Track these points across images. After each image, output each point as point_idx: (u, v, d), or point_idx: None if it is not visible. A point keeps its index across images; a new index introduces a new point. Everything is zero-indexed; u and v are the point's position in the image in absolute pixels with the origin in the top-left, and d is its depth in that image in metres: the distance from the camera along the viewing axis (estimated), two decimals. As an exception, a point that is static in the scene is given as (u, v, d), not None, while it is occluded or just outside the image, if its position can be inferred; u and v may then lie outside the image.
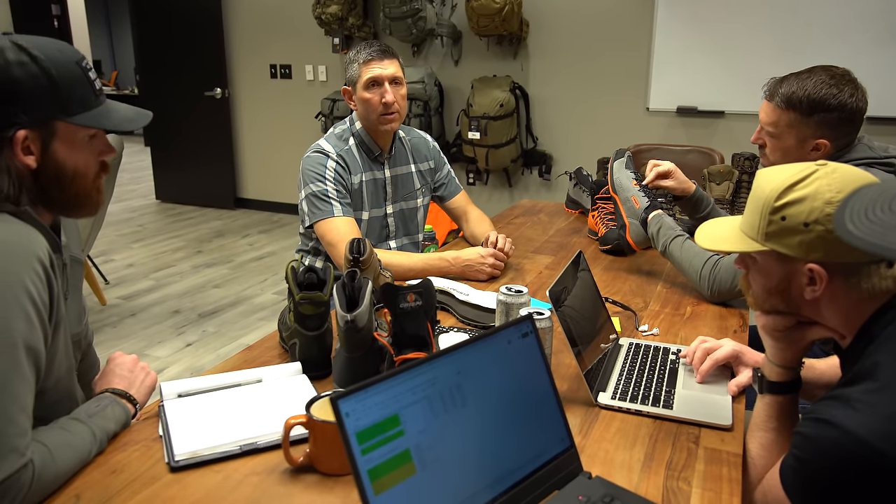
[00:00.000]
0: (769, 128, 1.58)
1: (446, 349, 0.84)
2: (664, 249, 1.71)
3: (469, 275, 1.80)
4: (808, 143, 1.54)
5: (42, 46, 0.98)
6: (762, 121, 1.60)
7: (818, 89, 1.48)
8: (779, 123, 1.56)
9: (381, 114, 1.90)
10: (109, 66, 12.67)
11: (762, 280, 1.00)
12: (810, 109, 1.50)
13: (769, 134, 1.59)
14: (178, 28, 5.66)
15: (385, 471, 0.73)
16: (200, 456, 0.99)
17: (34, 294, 0.93)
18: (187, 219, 5.68)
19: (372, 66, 1.88)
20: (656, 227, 1.73)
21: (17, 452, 0.86)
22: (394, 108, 1.91)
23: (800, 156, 1.55)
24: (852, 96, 1.49)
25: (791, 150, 1.56)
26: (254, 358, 1.35)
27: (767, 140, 1.61)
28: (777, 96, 1.54)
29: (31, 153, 0.99)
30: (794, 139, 1.55)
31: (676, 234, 1.70)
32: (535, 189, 4.84)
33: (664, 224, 1.72)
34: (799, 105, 1.51)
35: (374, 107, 1.89)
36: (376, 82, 1.89)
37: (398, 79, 1.92)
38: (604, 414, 1.15)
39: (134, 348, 3.20)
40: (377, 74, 1.88)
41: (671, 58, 4.22)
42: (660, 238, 1.72)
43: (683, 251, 1.67)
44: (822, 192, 0.89)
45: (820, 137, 1.52)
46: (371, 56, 1.88)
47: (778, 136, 1.57)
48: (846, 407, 0.80)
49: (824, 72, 1.51)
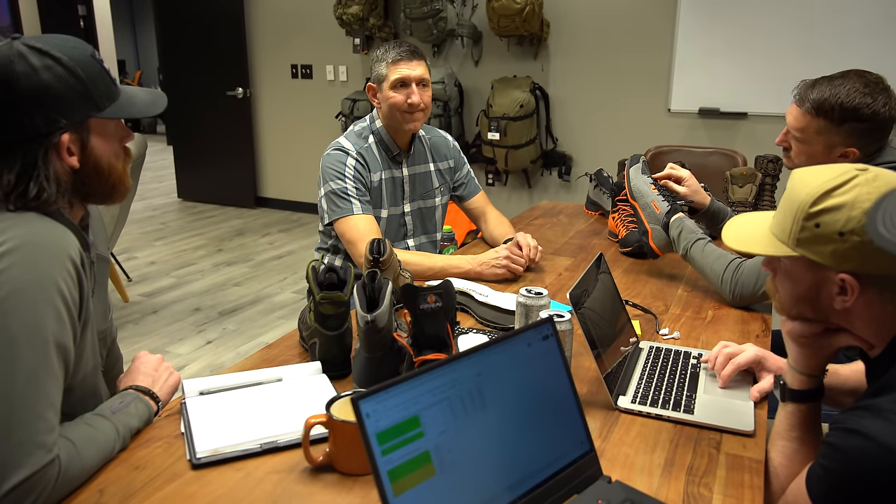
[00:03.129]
0: (796, 133, 1.54)
1: (467, 351, 0.84)
2: (685, 253, 1.69)
3: (486, 275, 1.80)
4: (835, 150, 1.49)
5: (59, 46, 0.98)
6: (790, 125, 1.56)
7: (851, 98, 1.43)
8: (807, 129, 1.51)
9: (404, 111, 1.91)
10: (133, 65, 12.84)
11: (790, 286, 0.97)
12: (842, 118, 1.44)
13: (796, 139, 1.55)
14: (200, 28, 5.72)
15: (405, 472, 0.74)
16: (222, 453, 1.00)
17: (66, 292, 0.94)
18: (208, 217, 5.74)
19: (400, 66, 1.89)
20: (677, 231, 1.71)
21: (45, 448, 0.88)
22: (418, 109, 1.92)
23: (826, 162, 1.50)
24: (885, 105, 1.43)
25: (817, 156, 1.52)
26: (274, 357, 1.36)
27: (793, 144, 1.57)
28: (807, 102, 1.49)
29: (73, 154, 1.01)
30: (822, 146, 1.50)
31: (698, 238, 1.68)
32: (555, 190, 4.83)
33: (685, 227, 1.71)
34: (830, 112, 1.45)
35: (399, 106, 1.90)
36: (404, 83, 1.89)
37: (425, 80, 1.92)
38: (624, 418, 1.15)
39: (155, 345, 3.24)
40: (405, 75, 1.89)
41: (693, 58, 4.18)
42: (681, 242, 1.70)
43: (705, 255, 1.65)
44: (861, 201, 0.84)
45: (849, 146, 1.47)
46: (401, 56, 1.89)
47: (805, 141, 1.53)
48: (877, 417, 0.79)
49: (858, 78, 1.45)
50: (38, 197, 0.97)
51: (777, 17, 3.92)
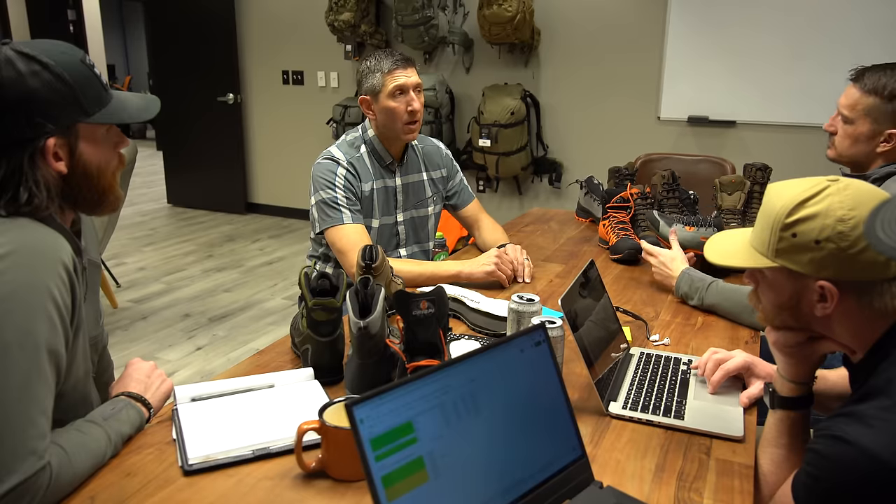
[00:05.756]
0: (846, 111, 1.61)
1: (460, 357, 0.84)
2: (701, 302, 1.65)
3: (476, 274, 1.80)
4: (881, 132, 1.57)
5: (47, 51, 0.98)
6: (840, 104, 1.64)
7: None
8: (856, 107, 1.59)
9: (405, 122, 1.91)
10: (123, 70, 12.80)
11: (772, 296, 0.99)
12: (891, 96, 1.53)
13: (844, 119, 1.63)
14: (191, 34, 5.71)
15: (398, 478, 0.74)
16: (214, 460, 1.00)
17: (58, 298, 0.94)
18: (198, 223, 5.72)
19: (397, 74, 1.89)
20: (686, 286, 1.69)
21: (36, 455, 0.88)
22: (417, 117, 1.93)
23: (868, 147, 1.59)
24: None
25: (861, 139, 1.60)
26: (265, 363, 1.36)
27: (840, 126, 1.65)
28: (863, 80, 1.58)
29: (60, 159, 1.00)
30: (868, 126, 1.58)
31: (708, 283, 1.65)
32: (546, 197, 4.85)
33: (693, 278, 1.68)
34: (882, 91, 1.54)
35: (399, 115, 1.90)
36: (402, 90, 1.89)
37: (420, 87, 1.94)
38: (615, 423, 1.15)
39: (144, 352, 3.22)
40: (403, 83, 1.89)
41: (682, 67, 4.22)
42: (693, 294, 1.67)
43: (721, 293, 1.62)
44: (834, 210, 0.88)
45: (894, 127, 1.55)
46: (396, 65, 1.89)
47: (853, 120, 1.61)
48: (860, 423, 0.80)
49: None
50: (29, 202, 0.97)
51: (766, 27, 3.97)
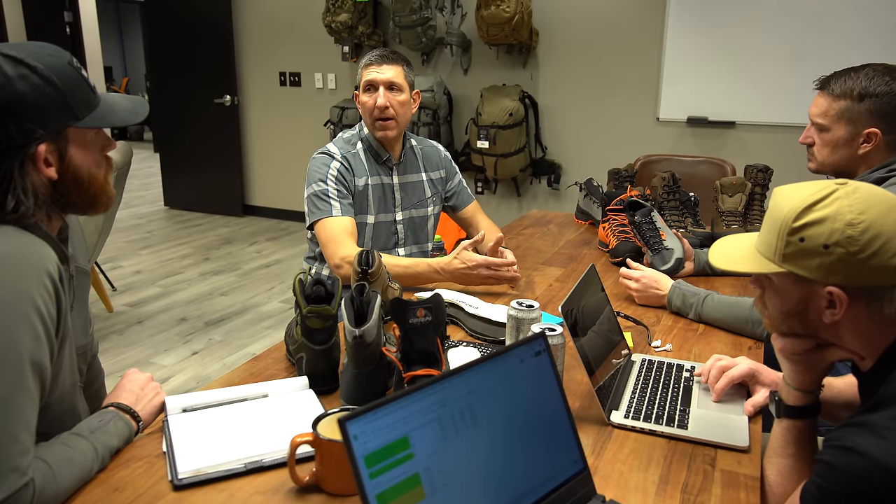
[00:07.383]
0: (819, 119, 1.57)
1: (458, 368, 0.81)
2: (698, 316, 1.61)
3: (453, 266, 1.72)
4: (858, 134, 1.52)
5: (35, 54, 0.95)
6: (812, 114, 1.59)
7: (869, 77, 1.49)
8: (829, 113, 1.55)
9: (375, 118, 1.91)
10: (120, 72, 12.76)
11: (779, 302, 0.96)
12: (861, 96, 1.49)
13: (819, 128, 1.58)
14: (188, 35, 5.68)
15: (394, 495, 0.71)
16: (204, 474, 0.97)
17: (42, 309, 0.91)
18: (195, 226, 5.69)
19: (370, 69, 1.91)
20: (679, 301, 1.65)
21: (19, 471, 0.85)
22: (388, 114, 1.90)
23: (849, 150, 1.54)
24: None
25: (840, 143, 1.55)
26: (260, 370, 1.33)
27: (816, 136, 1.60)
28: (829, 86, 1.55)
29: (50, 165, 0.98)
30: (844, 130, 1.53)
31: (704, 297, 1.61)
32: (544, 199, 4.82)
33: (685, 293, 1.64)
34: (850, 93, 1.51)
35: (368, 110, 1.92)
36: (372, 86, 1.91)
37: (396, 84, 1.90)
38: (617, 433, 1.13)
39: (140, 356, 3.19)
40: (372, 78, 1.90)
41: (681, 68, 4.19)
42: (688, 309, 1.63)
43: (718, 307, 1.58)
44: (843, 213, 0.86)
45: (871, 126, 1.51)
46: (371, 61, 1.92)
47: (828, 127, 1.56)
48: (872, 434, 0.77)
49: (876, 65, 1.52)
50: (15, 210, 0.94)
51: (765, 27, 3.95)
